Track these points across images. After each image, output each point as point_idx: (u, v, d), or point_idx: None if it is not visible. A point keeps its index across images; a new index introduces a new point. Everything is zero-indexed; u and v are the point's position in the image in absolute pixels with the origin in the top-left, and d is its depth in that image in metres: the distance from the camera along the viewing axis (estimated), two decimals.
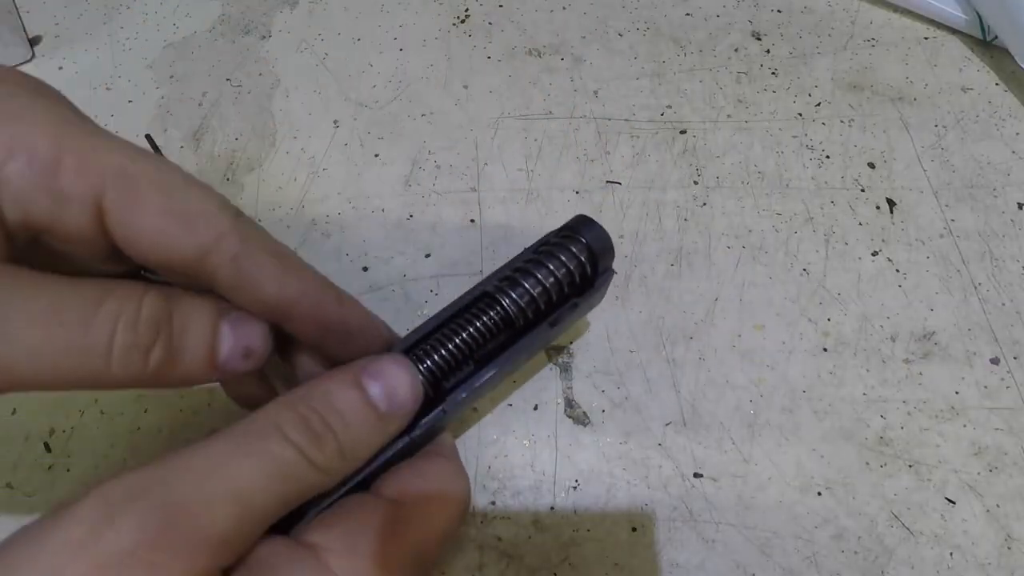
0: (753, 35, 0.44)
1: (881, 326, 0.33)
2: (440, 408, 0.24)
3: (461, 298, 0.26)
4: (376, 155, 0.39)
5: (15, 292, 0.17)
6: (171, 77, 0.41)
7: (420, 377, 0.23)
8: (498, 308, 0.25)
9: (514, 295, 0.25)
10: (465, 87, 0.42)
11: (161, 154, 0.38)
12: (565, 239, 0.27)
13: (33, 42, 0.43)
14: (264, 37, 0.44)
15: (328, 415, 0.20)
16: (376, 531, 0.21)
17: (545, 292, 0.26)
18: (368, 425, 0.21)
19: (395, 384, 0.21)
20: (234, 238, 0.19)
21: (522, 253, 0.27)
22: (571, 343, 0.33)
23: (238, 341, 0.20)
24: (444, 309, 0.25)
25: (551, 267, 0.26)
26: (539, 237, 0.28)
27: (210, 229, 0.19)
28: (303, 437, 0.19)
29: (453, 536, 0.26)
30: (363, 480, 0.23)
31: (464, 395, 0.24)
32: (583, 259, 0.26)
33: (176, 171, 0.20)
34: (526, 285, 0.25)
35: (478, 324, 0.25)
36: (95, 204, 0.18)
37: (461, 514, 0.24)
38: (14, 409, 0.31)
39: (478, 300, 0.26)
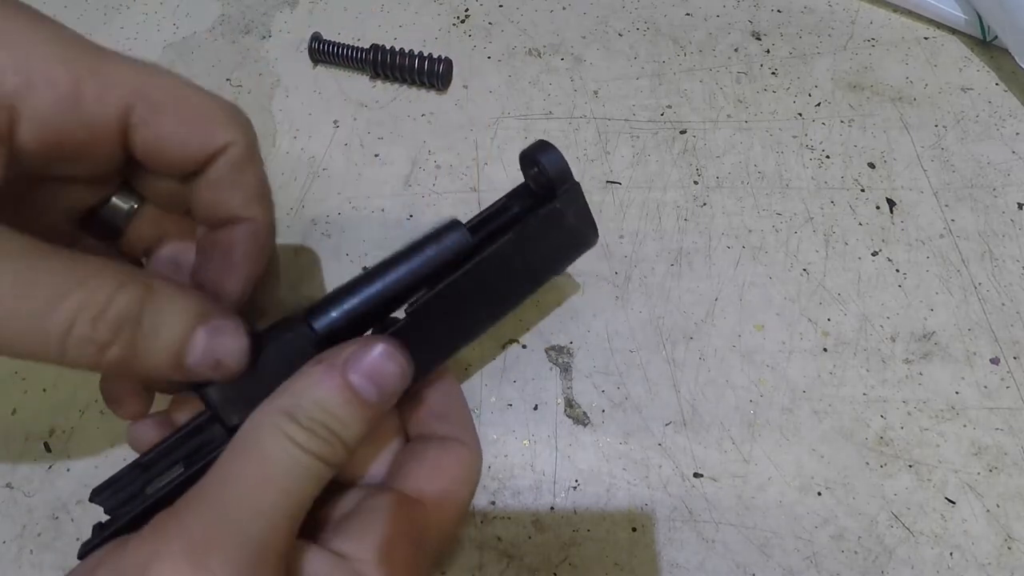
0: (753, 35, 0.44)
1: (881, 326, 0.33)
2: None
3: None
4: (376, 155, 0.39)
5: None
6: None
7: (405, 358, 0.22)
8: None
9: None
10: (465, 87, 0.42)
11: None
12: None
13: None
14: (264, 37, 0.44)
15: (330, 423, 0.20)
16: (406, 537, 0.22)
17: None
18: (365, 417, 0.21)
19: (384, 376, 0.22)
20: (242, 146, 0.22)
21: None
22: (571, 343, 0.33)
23: (210, 352, 0.20)
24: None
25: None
26: None
27: (224, 134, 0.21)
28: (319, 446, 0.20)
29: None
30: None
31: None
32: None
33: (190, 84, 0.21)
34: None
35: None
36: (119, 122, 0.20)
37: (472, 498, 0.25)
38: (14, 409, 0.31)
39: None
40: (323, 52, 0.42)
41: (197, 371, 0.20)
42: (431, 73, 0.40)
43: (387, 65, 0.41)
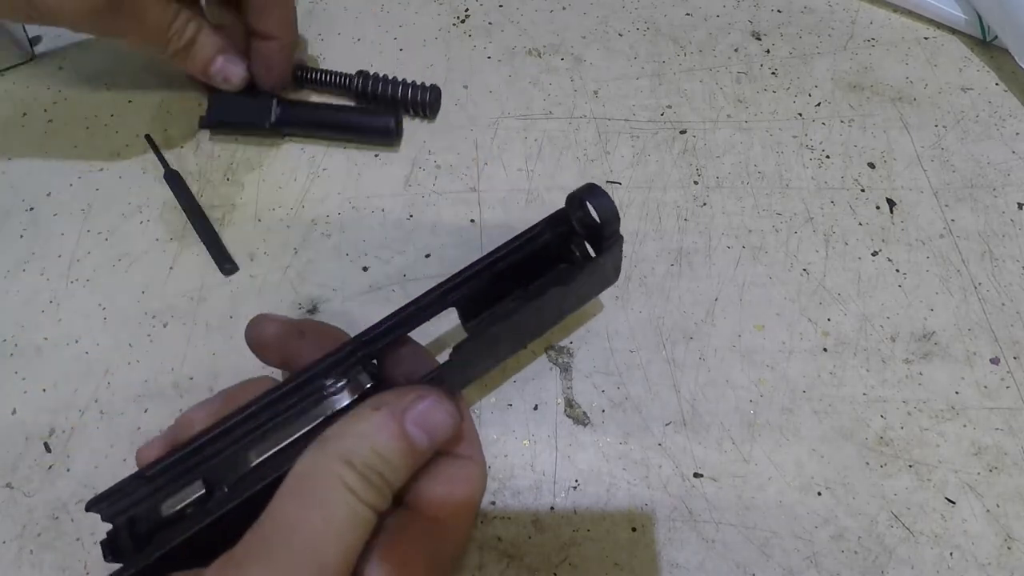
0: (753, 35, 0.44)
1: (881, 326, 0.33)
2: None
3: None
4: (376, 155, 0.39)
5: None
6: (171, 77, 0.41)
7: (454, 407, 0.23)
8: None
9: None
10: (465, 87, 0.42)
11: (160, 155, 0.38)
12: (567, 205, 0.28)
13: (33, 42, 0.43)
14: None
15: (384, 469, 0.21)
16: (428, 556, 0.23)
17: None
18: (413, 464, 0.23)
19: (436, 426, 0.23)
20: None
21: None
22: (571, 343, 0.33)
23: (222, 70, 0.36)
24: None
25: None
26: None
27: None
28: (374, 496, 0.21)
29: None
30: None
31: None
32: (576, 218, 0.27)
33: None
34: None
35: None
36: None
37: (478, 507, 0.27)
38: (14, 409, 0.31)
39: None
40: (307, 79, 0.40)
41: (216, 79, 0.36)
42: (418, 103, 0.39)
43: (374, 94, 0.39)
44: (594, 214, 0.26)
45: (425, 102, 0.39)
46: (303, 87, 0.41)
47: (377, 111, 0.39)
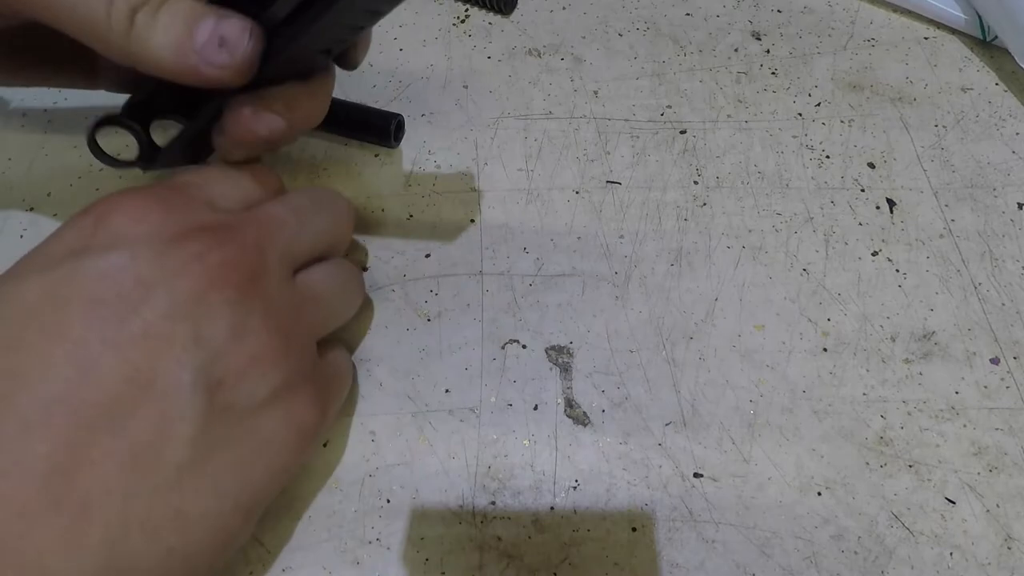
0: (753, 35, 0.44)
1: (881, 326, 0.33)
2: None
3: None
4: (376, 155, 0.39)
5: None
6: None
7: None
8: None
9: None
10: (465, 87, 0.42)
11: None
12: None
13: None
14: None
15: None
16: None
17: None
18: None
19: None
20: None
21: None
22: (571, 343, 0.33)
23: (216, 30, 0.21)
24: None
25: None
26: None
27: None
28: None
29: None
30: None
31: None
32: None
33: None
34: None
35: None
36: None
37: None
38: None
39: None
40: None
41: (207, 50, 0.21)
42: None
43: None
44: None
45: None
46: None
47: (378, 111, 0.39)
